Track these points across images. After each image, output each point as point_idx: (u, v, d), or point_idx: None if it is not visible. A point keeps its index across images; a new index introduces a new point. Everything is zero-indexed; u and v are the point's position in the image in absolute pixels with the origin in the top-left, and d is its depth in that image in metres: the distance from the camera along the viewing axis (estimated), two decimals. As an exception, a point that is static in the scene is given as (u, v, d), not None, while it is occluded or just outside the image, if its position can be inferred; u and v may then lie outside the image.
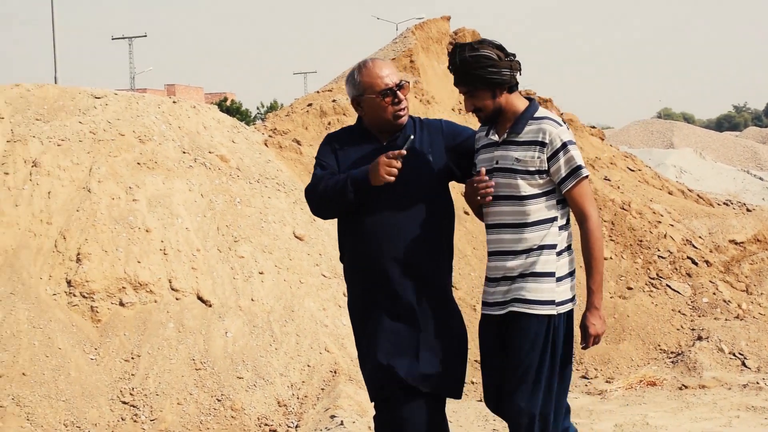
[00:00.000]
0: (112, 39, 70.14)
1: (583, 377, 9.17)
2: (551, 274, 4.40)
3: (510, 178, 4.41)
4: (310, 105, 12.09)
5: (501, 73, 4.38)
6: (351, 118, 11.45)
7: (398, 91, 4.55)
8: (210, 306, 8.02)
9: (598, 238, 4.41)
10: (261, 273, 8.42)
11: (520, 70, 4.48)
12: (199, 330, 7.83)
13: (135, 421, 7.16)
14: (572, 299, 4.50)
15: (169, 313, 7.86)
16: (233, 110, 47.33)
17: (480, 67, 4.37)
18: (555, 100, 13.95)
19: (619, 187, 12.53)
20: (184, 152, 9.25)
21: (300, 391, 7.67)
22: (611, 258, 10.61)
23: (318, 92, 13.08)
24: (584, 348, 4.50)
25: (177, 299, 7.99)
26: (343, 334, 8.29)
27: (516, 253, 4.42)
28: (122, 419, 7.15)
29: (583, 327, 4.44)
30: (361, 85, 4.57)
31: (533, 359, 4.37)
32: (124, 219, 8.29)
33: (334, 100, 11.86)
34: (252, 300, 8.18)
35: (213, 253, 8.43)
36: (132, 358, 7.52)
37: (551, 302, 4.40)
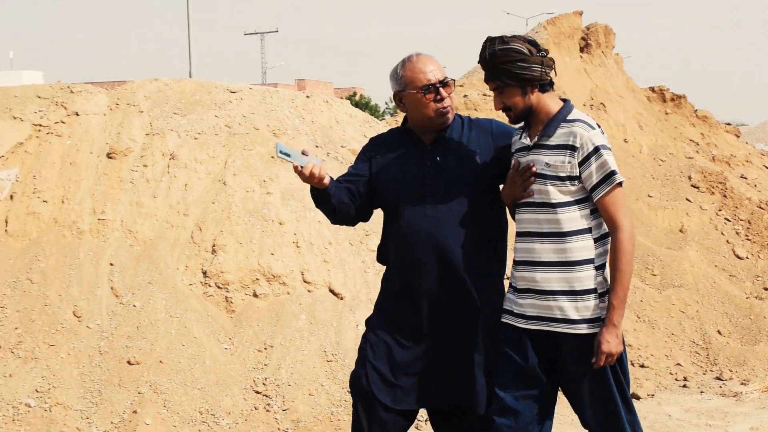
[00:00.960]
0: (245, 34, 72.22)
1: (718, 378, 9.06)
2: (593, 291, 4.21)
3: (541, 183, 4.24)
4: (443, 99, 12.21)
5: (531, 69, 4.21)
6: (482, 113, 11.56)
7: (441, 88, 4.42)
8: (341, 299, 8.26)
9: (628, 250, 4.16)
10: (392, 266, 8.61)
11: (552, 67, 4.30)
12: (330, 322, 8.08)
13: (267, 410, 7.43)
14: None
15: (301, 305, 8.14)
16: (362, 105, 48.04)
17: (509, 62, 4.21)
18: (689, 96, 13.77)
19: (755, 186, 12.26)
20: (316, 146, 9.54)
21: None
22: (747, 258, 10.41)
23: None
24: (594, 366, 4.20)
25: (309, 291, 8.26)
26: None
27: (545, 265, 4.25)
28: (255, 408, 7.44)
29: (597, 343, 4.18)
30: (402, 79, 4.47)
31: (601, 384, 4.22)
32: (258, 211, 8.62)
33: (465, 96, 11.98)
34: (383, 292, 8.38)
35: (344, 246, 8.68)
36: (265, 348, 7.82)
37: (598, 320, 4.21)
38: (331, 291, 8.32)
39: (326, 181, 4.37)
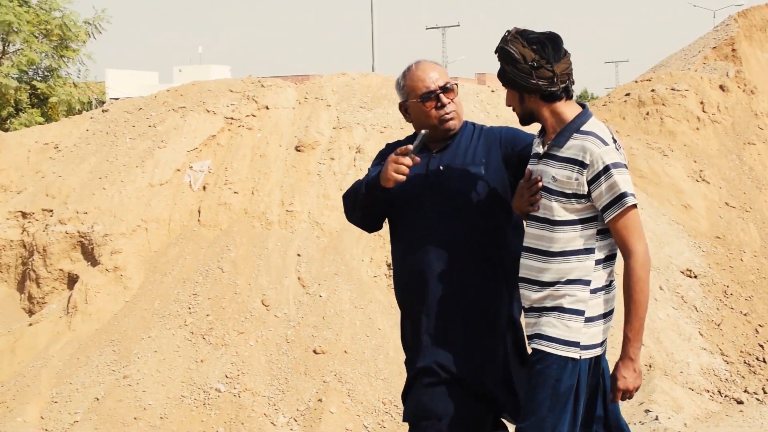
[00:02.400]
0: (426, 29, 72.76)
1: None
2: (580, 313, 3.97)
3: (546, 198, 4.01)
4: (627, 95, 12.18)
5: (521, 77, 3.97)
6: (670, 108, 11.46)
7: (442, 94, 4.26)
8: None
9: (641, 278, 3.92)
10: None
11: (552, 79, 3.97)
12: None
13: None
14: (602, 344, 4.03)
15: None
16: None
17: (506, 63, 4.00)
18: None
19: None
20: (502, 140, 9.72)
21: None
22: None
23: (636, 81, 13.13)
24: (612, 403, 4.01)
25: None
26: (659, 328, 8.41)
27: (541, 284, 4.03)
28: (437, 400, 7.68)
29: (613, 379, 3.97)
30: (404, 89, 4.37)
31: (545, 406, 3.96)
32: (442, 205, 8.87)
33: (653, 90, 11.89)
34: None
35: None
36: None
37: (576, 344, 3.96)
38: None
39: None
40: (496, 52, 4.04)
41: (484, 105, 10.18)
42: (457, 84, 4.37)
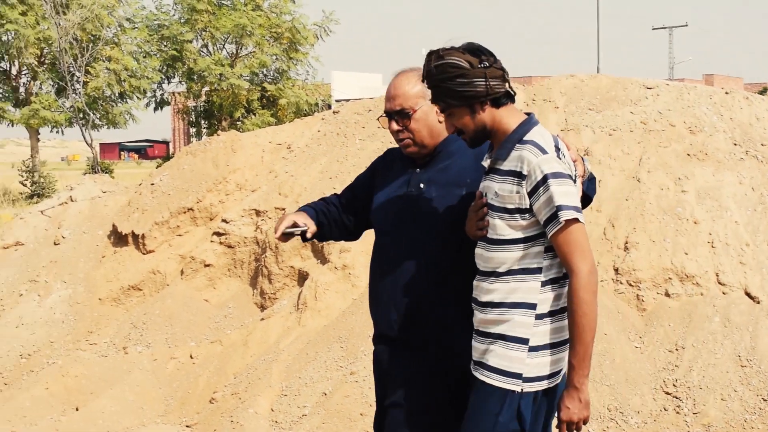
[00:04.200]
0: (653, 29, 71.34)
1: None
2: (522, 341, 3.72)
3: (489, 216, 3.80)
4: None
5: (473, 84, 3.71)
6: None
7: (393, 120, 4.10)
8: (758, 302, 8.17)
9: (584, 300, 3.60)
10: (817, 271, 8.38)
11: (502, 77, 3.77)
12: (745, 326, 8.02)
13: (677, 412, 7.52)
14: (550, 376, 3.76)
15: (715, 307, 8.15)
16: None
17: (447, 79, 3.74)
18: None
19: None
20: (735, 144, 9.46)
21: None
22: None
23: None
24: None
25: (723, 293, 8.25)
26: None
27: (487, 306, 3.81)
28: (665, 409, 7.56)
29: (557, 409, 3.71)
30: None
31: None
32: (672, 210, 8.72)
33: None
34: (806, 299, 8.18)
35: (763, 248, 8.56)
36: (676, 349, 7.91)
37: (517, 375, 3.73)
38: (747, 294, 8.25)
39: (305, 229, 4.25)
40: (428, 76, 3.79)
41: (718, 107, 9.93)
42: (415, 110, 4.09)
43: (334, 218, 4.42)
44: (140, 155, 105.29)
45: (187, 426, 8.22)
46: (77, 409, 8.41)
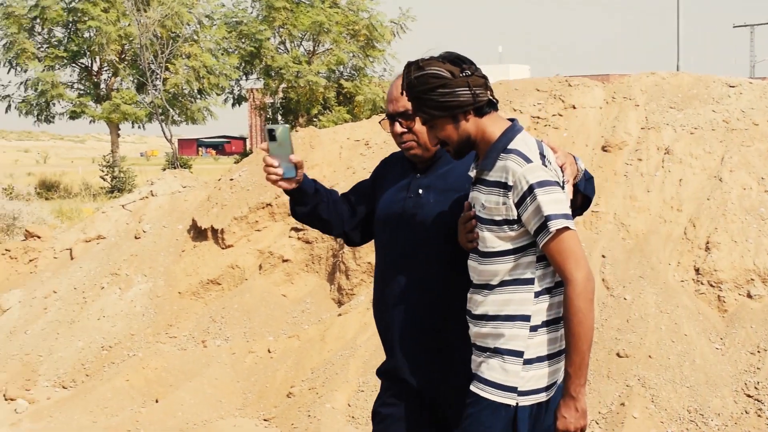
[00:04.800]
0: (733, 27, 70.30)
1: None
2: (518, 354, 3.66)
3: (477, 228, 3.74)
4: None
5: (456, 94, 3.65)
6: None
7: (397, 121, 4.02)
8: None
9: (579, 309, 3.54)
10: None
11: (484, 85, 3.69)
12: (832, 329, 7.87)
13: (759, 416, 7.41)
14: (548, 388, 3.70)
15: (799, 309, 8.01)
16: None
17: (429, 90, 3.67)
18: None
19: None
20: (824, 142, 9.29)
21: None
22: None
23: None
24: None
25: (813, 296, 8.11)
26: None
27: (482, 319, 3.75)
28: (746, 412, 7.45)
29: (554, 419, 3.66)
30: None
31: None
32: (755, 210, 8.59)
33: None
34: None
35: None
36: (758, 351, 7.80)
37: (512, 389, 3.66)
38: (834, 297, 8.10)
39: (283, 186, 4.11)
40: (409, 87, 3.71)
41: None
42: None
43: (334, 200, 4.33)
44: (217, 151, 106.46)
45: (264, 420, 8.31)
46: (157, 401, 8.55)
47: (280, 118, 43.44)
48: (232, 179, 11.31)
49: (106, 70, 44.17)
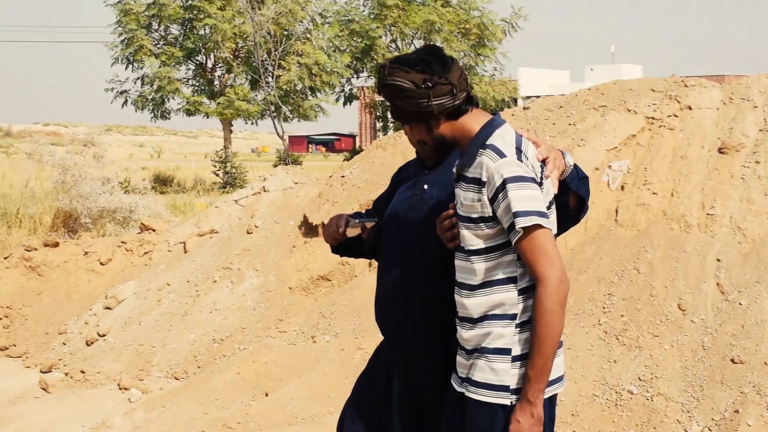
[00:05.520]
0: None
1: None
2: (505, 352, 3.57)
3: (459, 225, 3.67)
4: None
5: (419, 105, 3.63)
6: None
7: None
8: None
9: (548, 310, 3.43)
10: None
11: (450, 92, 3.62)
12: None
13: None
14: (547, 384, 3.59)
15: None
16: None
17: (395, 99, 3.69)
18: None
19: None
20: None
21: None
22: None
23: None
24: None
25: None
26: None
27: (468, 321, 3.67)
28: None
29: (508, 423, 3.54)
30: None
31: None
32: None
33: None
34: None
35: None
36: None
37: (505, 388, 3.58)
38: None
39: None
40: (379, 93, 3.75)
41: None
42: None
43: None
44: (327, 148, 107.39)
45: (372, 416, 8.34)
46: (266, 395, 8.66)
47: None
48: (343, 176, 11.40)
49: (220, 67, 44.95)
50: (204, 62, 45.00)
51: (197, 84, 44.98)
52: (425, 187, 4.05)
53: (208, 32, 42.46)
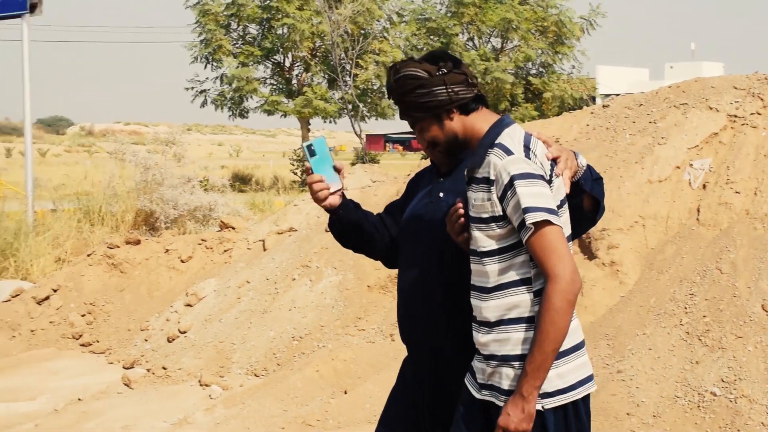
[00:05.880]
0: None
1: None
2: (525, 358, 3.45)
3: (471, 227, 3.61)
4: None
5: (434, 94, 3.61)
6: None
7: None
8: None
9: (555, 307, 3.34)
10: None
11: (465, 82, 3.62)
12: None
13: None
14: (573, 387, 3.50)
15: None
16: None
17: (408, 92, 3.66)
18: None
19: None
20: None
21: None
22: None
23: None
24: None
25: None
26: None
27: (485, 325, 3.58)
28: None
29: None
30: None
31: None
32: None
33: None
34: None
35: None
36: None
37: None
38: None
39: (331, 202, 4.11)
40: (391, 92, 3.74)
41: None
42: None
43: (372, 222, 4.30)
44: (404, 147, 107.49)
45: (450, 415, 8.34)
46: (345, 393, 8.71)
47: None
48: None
49: (297, 66, 45.29)
50: (282, 61, 45.38)
51: (275, 83, 45.38)
52: (440, 195, 4.02)
53: (286, 32, 42.81)
